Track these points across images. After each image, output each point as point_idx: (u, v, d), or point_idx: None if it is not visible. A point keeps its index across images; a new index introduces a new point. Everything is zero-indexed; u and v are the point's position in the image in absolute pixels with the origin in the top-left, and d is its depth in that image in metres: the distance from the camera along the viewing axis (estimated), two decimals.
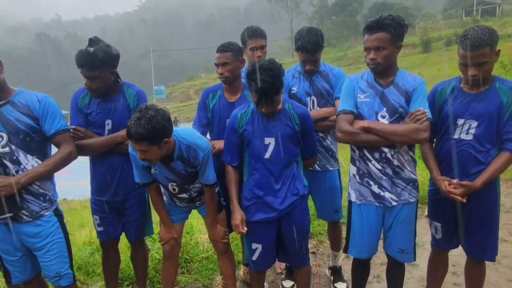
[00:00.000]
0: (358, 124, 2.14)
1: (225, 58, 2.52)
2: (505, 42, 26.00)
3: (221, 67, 2.55)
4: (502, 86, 2.11)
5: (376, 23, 2.07)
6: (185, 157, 2.22)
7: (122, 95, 2.48)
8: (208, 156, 2.25)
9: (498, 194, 2.22)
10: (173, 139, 2.17)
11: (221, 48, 2.56)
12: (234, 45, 2.58)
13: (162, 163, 2.24)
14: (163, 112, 2.05)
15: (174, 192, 2.40)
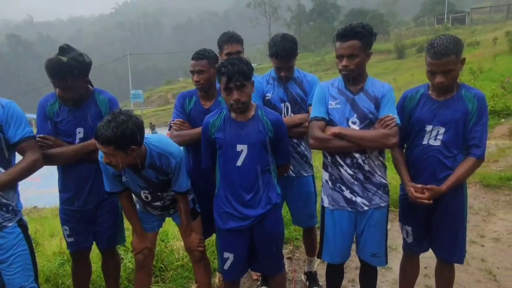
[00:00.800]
0: (329, 131, 2.17)
1: (201, 66, 2.51)
2: (474, 49, 27.13)
3: (197, 75, 2.53)
4: (468, 94, 2.18)
5: (349, 31, 2.11)
6: (157, 165, 2.19)
7: (93, 102, 2.41)
8: (180, 163, 2.23)
9: (466, 199, 2.29)
10: (144, 147, 2.13)
11: (196, 56, 2.55)
12: (209, 52, 2.57)
13: (133, 170, 2.19)
14: (135, 119, 2.01)
15: (147, 200, 2.35)
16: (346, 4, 72.29)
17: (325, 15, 60.40)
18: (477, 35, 32.78)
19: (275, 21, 68.85)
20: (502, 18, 44.22)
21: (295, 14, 67.80)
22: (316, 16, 61.67)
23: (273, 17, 69.82)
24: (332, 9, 62.09)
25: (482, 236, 3.71)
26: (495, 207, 4.35)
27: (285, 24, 68.35)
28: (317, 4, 63.68)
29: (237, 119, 2.23)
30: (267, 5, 70.42)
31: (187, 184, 2.31)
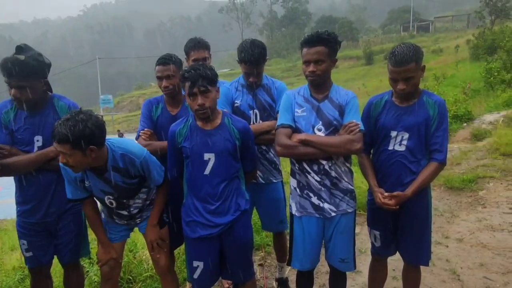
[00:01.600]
0: (295, 138, 2.18)
1: (169, 71, 2.48)
2: (437, 56, 28.40)
3: (166, 80, 2.50)
4: (429, 100, 2.25)
5: (315, 37, 2.14)
6: (121, 167, 2.12)
7: (52, 108, 2.31)
8: (146, 161, 2.17)
9: (430, 202, 2.35)
10: (106, 148, 2.06)
11: (163, 61, 2.51)
12: (175, 57, 2.55)
13: (95, 174, 2.12)
14: (96, 118, 1.95)
15: (112, 206, 2.27)
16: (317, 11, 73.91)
17: (296, 21, 61.44)
18: (440, 43, 34.34)
19: (247, 27, 69.30)
20: (463, 27, 46.54)
21: (267, 20, 68.53)
22: (288, 23, 62.61)
23: (245, 22, 70.27)
24: (303, 16, 63.28)
25: (446, 237, 3.84)
26: (458, 208, 4.52)
27: (258, 30, 68.96)
28: (289, 10, 64.75)
29: (203, 127, 2.20)
30: (240, 11, 70.83)
31: (160, 176, 2.27)
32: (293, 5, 66.43)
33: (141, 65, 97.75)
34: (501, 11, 26.16)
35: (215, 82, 2.14)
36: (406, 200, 2.18)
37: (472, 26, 37.65)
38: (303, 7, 66.83)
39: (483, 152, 6.41)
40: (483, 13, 27.31)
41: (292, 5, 66.43)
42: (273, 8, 70.10)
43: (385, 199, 2.18)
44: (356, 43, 49.35)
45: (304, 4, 68.12)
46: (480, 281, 3.06)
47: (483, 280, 3.07)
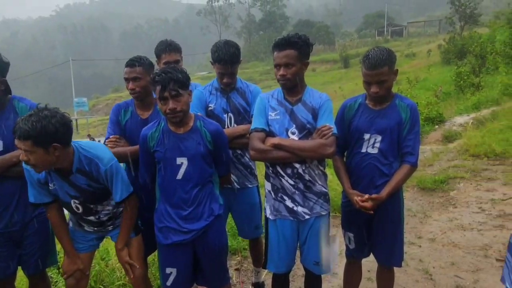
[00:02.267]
0: (269, 142, 2.17)
1: (136, 73, 2.42)
2: (410, 60, 29.25)
3: (132, 82, 2.44)
4: (401, 103, 2.29)
5: (285, 40, 2.14)
6: (87, 170, 2.04)
7: (12, 110, 2.21)
8: (112, 171, 2.09)
9: (402, 204, 2.39)
10: (72, 149, 1.99)
11: (130, 63, 2.45)
12: (144, 59, 2.49)
13: (60, 176, 2.03)
14: (61, 116, 1.87)
15: (78, 211, 2.18)
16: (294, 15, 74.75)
17: (274, 25, 61.92)
18: (413, 47, 35.39)
19: (225, 30, 69.25)
20: (434, 32, 48.15)
21: (245, 23, 68.74)
22: (265, 26, 63.01)
23: (223, 25, 70.19)
24: (281, 20, 63.85)
25: (419, 237, 3.92)
26: (430, 208, 4.64)
27: (236, 32, 69.04)
28: (266, 14, 65.19)
29: (176, 131, 2.16)
30: (218, 14, 70.71)
31: (123, 193, 2.16)
32: (271, 8, 66.95)
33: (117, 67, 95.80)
34: (470, 17, 27.24)
35: (187, 86, 2.09)
36: (380, 202, 2.20)
37: (443, 32, 38.99)
38: (280, 11, 67.43)
39: (453, 153, 6.62)
40: (453, 19, 28.37)
41: (270, 8, 66.93)
42: (251, 11, 70.39)
43: (364, 203, 2.19)
44: (333, 47, 50.22)
45: (282, 8, 68.76)
46: (451, 280, 3.13)
47: (454, 278, 3.15)
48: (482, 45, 14.29)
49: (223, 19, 70.81)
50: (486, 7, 43.26)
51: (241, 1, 71.84)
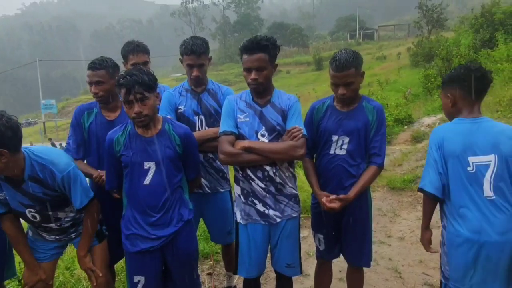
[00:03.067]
0: (239, 145, 2.15)
1: (99, 77, 2.35)
2: (381, 62, 30.05)
3: (95, 86, 2.37)
4: (368, 105, 2.32)
5: (255, 44, 2.11)
6: (41, 178, 1.94)
7: None
8: (69, 177, 2.00)
9: (370, 205, 2.42)
10: (22, 155, 1.88)
11: (93, 65, 2.37)
12: (108, 61, 2.40)
13: (11, 185, 1.92)
14: (8, 119, 1.77)
15: (36, 220, 2.07)
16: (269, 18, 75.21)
17: (249, 27, 62.05)
18: (384, 50, 36.42)
19: (200, 31, 68.73)
20: (404, 36, 49.74)
21: (220, 25, 68.50)
22: (240, 28, 63.06)
23: (198, 27, 69.66)
24: (255, 22, 64.09)
25: (389, 236, 4.00)
26: (400, 208, 4.76)
27: (210, 34, 68.69)
28: (241, 16, 65.26)
29: (143, 134, 2.10)
30: (192, 15, 70.11)
31: (83, 200, 2.07)
32: (245, 11, 67.13)
33: None
34: (437, 21, 28.29)
35: (153, 88, 2.04)
36: (348, 203, 2.22)
37: (412, 35, 40.30)
38: (255, 13, 67.71)
39: (421, 153, 6.82)
40: (421, 23, 29.35)
41: (244, 11, 67.10)
42: (226, 13, 70.25)
43: (331, 203, 2.20)
44: (307, 49, 50.89)
45: (256, 10, 69.08)
46: (419, 278, 3.21)
47: (422, 276, 3.23)
48: (448, 49, 14.86)
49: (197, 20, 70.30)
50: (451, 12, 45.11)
51: (216, 3, 71.60)
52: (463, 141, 1.95)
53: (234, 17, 67.45)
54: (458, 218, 1.94)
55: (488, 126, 1.96)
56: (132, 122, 2.10)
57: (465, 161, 1.93)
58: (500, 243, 1.82)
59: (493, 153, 1.89)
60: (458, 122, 2.03)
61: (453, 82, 2.08)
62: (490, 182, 1.87)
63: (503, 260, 1.83)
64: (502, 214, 1.85)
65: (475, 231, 1.87)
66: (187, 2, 70.50)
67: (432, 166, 2.02)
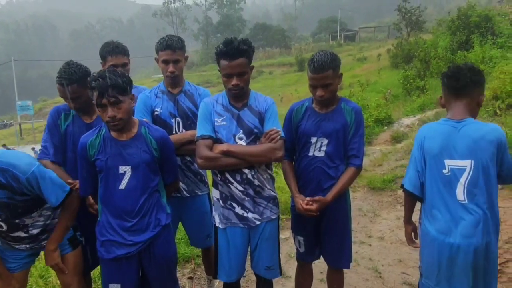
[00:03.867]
0: (217, 149, 2.12)
1: (73, 92, 2.26)
2: (362, 63, 30.46)
3: (70, 101, 2.30)
4: (347, 107, 2.33)
5: (235, 50, 2.07)
6: (3, 182, 1.85)
7: None
8: (35, 176, 1.90)
9: (349, 207, 2.43)
10: None
11: (63, 81, 2.24)
12: (77, 72, 2.27)
13: None
14: None
15: (2, 230, 1.98)
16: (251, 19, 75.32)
17: (231, 28, 61.90)
18: (364, 51, 36.93)
19: (182, 32, 68.19)
20: (384, 37, 50.59)
21: (203, 26, 68.11)
22: (223, 29, 62.83)
23: (180, 27, 69.07)
24: (238, 23, 64.03)
25: (369, 236, 4.04)
26: (380, 208, 4.81)
27: (193, 35, 68.23)
28: (224, 17, 65.05)
29: (118, 138, 2.05)
30: (174, 16, 69.47)
31: (58, 196, 2.00)
32: (228, 11, 66.95)
33: None
34: (415, 24, 28.89)
35: (127, 91, 1.98)
36: (326, 205, 2.22)
37: (392, 37, 41.05)
38: (237, 14, 67.61)
39: (401, 154, 6.94)
40: (400, 25, 29.92)
41: (227, 11, 66.92)
42: (208, 14, 69.90)
43: (307, 205, 2.20)
44: (289, 50, 51.13)
45: (239, 11, 69.00)
46: (398, 277, 3.25)
47: (401, 275, 3.27)
48: (426, 50, 15.19)
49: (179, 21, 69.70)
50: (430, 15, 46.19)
51: (198, 4, 71.12)
52: (442, 143, 1.96)
53: (217, 18, 67.12)
54: (429, 218, 2.00)
55: (470, 130, 1.91)
56: (106, 125, 2.04)
57: (441, 163, 1.95)
58: (465, 245, 1.86)
59: (470, 159, 1.88)
60: (442, 122, 2.04)
61: (442, 82, 2.10)
62: (464, 186, 1.88)
63: (467, 263, 1.87)
64: (471, 218, 1.86)
65: (442, 232, 1.92)
66: (169, 2, 69.79)
67: (413, 164, 2.07)
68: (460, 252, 1.87)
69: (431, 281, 2.01)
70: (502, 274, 3.09)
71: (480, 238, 1.85)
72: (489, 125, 1.97)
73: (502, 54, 11.11)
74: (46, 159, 2.34)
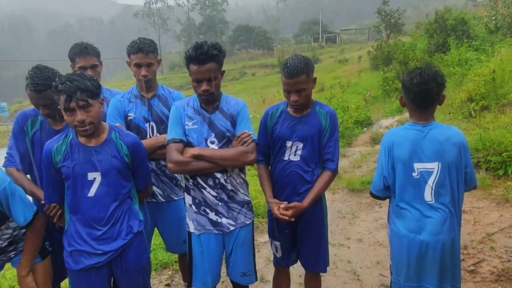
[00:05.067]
0: (188, 153, 2.08)
1: (47, 99, 2.17)
2: (343, 65, 30.81)
3: (43, 109, 2.21)
4: (321, 111, 2.32)
5: (205, 55, 2.03)
6: None
7: None
8: (6, 194, 1.85)
9: (325, 211, 2.41)
10: None
11: (37, 88, 2.15)
12: (51, 77, 2.19)
13: None
14: None
15: None
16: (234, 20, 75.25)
17: (214, 29, 61.70)
18: (346, 53, 37.38)
19: (164, 33, 67.47)
20: (365, 39, 51.32)
21: (185, 26, 67.59)
22: (205, 30, 62.53)
23: (162, 28, 68.30)
24: (221, 24, 63.85)
25: (348, 238, 4.06)
26: (358, 209, 4.84)
27: (176, 36, 67.62)
28: (206, 18, 64.73)
29: (86, 144, 1.98)
30: (156, 16, 68.65)
31: (26, 216, 1.94)
32: (211, 13, 66.59)
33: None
34: (394, 26, 29.38)
35: (97, 94, 1.92)
36: (302, 211, 2.21)
37: (372, 39, 41.68)
38: (220, 15, 67.36)
39: None
40: (380, 27, 30.41)
41: (210, 13, 66.55)
42: (191, 15, 69.39)
43: (282, 211, 2.18)
44: (271, 52, 51.29)
45: (221, 12, 68.74)
46: (376, 279, 3.27)
47: (379, 277, 3.29)
48: (405, 53, 15.44)
49: (162, 22, 68.91)
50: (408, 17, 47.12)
51: (181, 5, 70.51)
52: (411, 148, 2.03)
53: (200, 19, 66.72)
54: (399, 217, 2.09)
55: (436, 134, 2.01)
56: (74, 130, 1.97)
57: (411, 166, 2.02)
58: (433, 242, 1.96)
59: (437, 161, 1.98)
60: (408, 127, 2.10)
61: (402, 87, 2.14)
62: (431, 187, 1.99)
63: (435, 258, 1.98)
64: (438, 216, 1.98)
65: (412, 230, 2.01)
66: (151, 2, 68.93)
67: (378, 170, 2.17)
68: (429, 248, 1.97)
69: (400, 277, 2.08)
70: (476, 274, 3.15)
71: (447, 234, 1.97)
72: (452, 128, 2.07)
73: (477, 56, 11.40)
74: (12, 167, 2.25)
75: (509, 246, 3.49)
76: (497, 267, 3.19)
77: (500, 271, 3.15)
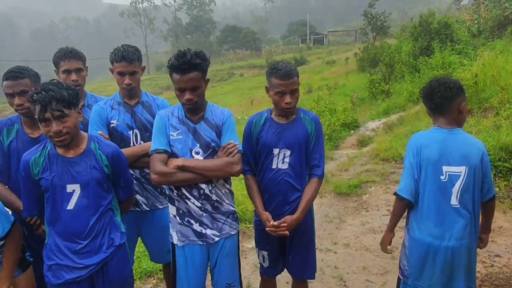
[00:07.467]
0: (172, 163, 2.04)
1: (23, 86, 2.17)
2: (330, 66, 31.02)
3: (19, 98, 2.17)
4: (306, 117, 2.31)
5: (187, 64, 1.99)
6: None
7: None
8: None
9: (313, 218, 2.41)
10: None
11: (14, 75, 2.18)
12: (29, 70, 2.25)
13: None
14: None
15: None
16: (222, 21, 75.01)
17: (201, 29, 61.44)
18: (333, 55, 37.65)
19: (151, 33, 66.90)
20: (352, 41, 51.83)
21: (172, 26, 67.11)
22: (192, 30, 62.23)
23: (149, 28, 67.69)
24: (208, 24, 63.61)
25: (335, 243, 4.06)
26: (345, 213, 4.85)
27: (162, 36, 67.10)
28: (193, 18, 64.41)
29: (65, 155, 1.93)
30: (142, 16, 67.99)
31: (4, 228, 1.90)
32: (198, 13, 66.28)
33: None
34: (380, 29, 29.73)
35: (74, 104, 1.87)
36: (297, 222, 2.18)
37: (359, 41, 42.02)
38: (207, 16, 67.09)
39: (366, 158, 7.07)
40: (366, 30, 30.72)
41: (197, 13, 66.23)
42: (178, 15, 68.93)
43: (278, 228, 2.14)
44: (259, 53, 51.35)
45: (209, 12, 68.50)
46: (362, 285, 3.27)
47: (365, 283, 3.30)
48: (391, 55, 15.65)
49: (148, 21, 68.25)
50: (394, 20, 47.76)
51: (167, 4, 70.00)
52: (440, 150, 2.06)
53: (187, 19, 66.31)
54: (422, 223, 2.08)
55: (462, 138, 2.07)
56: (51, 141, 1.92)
57: (439, 169, 2.04)
58: (457, 247, 2.00)
59: (465, 165, 2.01)
60: (435, 131, 2.14)
61: (422, 98, 2.22)
62: (458, 191, 2.01)
63: (460, 262, 2.02)
64: (462, 221, 2.01)
65: (436, 236, 2.03)
66: (137, 2, 68.21)
67: (409, 171, 2.12)
68: (454, 254, 2.01)
69: (422, 282, 2.09)
70: None
71: (469, 239, 2.02)
72: (475, 138, 2.16)
73: (460, 60, 11.59)
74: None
75: (492, 251, 3.54)
76: (480, 272, 3.22)
77: (484, 276, 3.19)
